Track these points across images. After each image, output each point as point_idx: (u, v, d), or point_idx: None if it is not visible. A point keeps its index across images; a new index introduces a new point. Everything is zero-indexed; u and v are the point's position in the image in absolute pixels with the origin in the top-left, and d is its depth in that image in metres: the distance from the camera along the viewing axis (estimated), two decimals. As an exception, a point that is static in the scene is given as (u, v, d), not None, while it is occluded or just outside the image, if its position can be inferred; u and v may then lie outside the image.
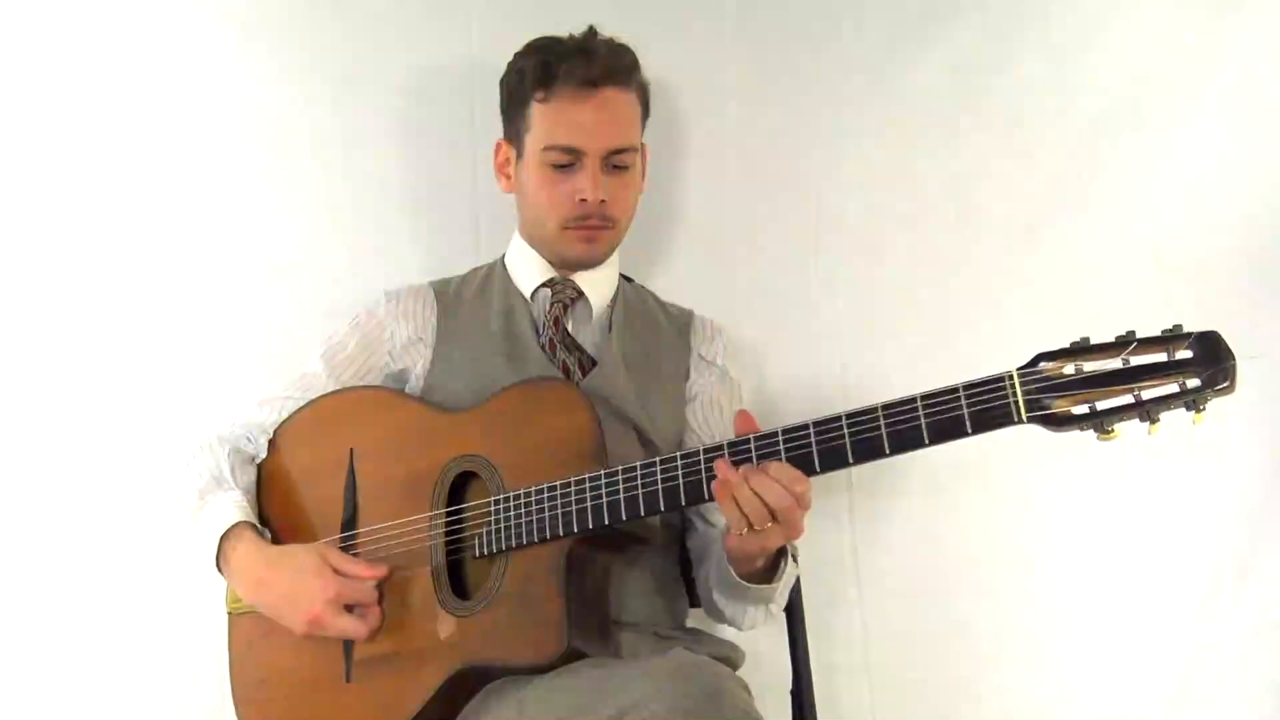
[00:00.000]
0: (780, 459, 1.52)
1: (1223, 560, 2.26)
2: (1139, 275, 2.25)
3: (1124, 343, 1.35)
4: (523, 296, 1.96)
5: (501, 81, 1.96)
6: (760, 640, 2.01)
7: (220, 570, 1.81)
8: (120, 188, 2.21)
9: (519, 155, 1.94)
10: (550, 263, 1.96)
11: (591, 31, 1.92)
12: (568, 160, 1.88)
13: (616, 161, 1.89)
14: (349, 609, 1.73)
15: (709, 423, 1.93)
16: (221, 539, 1.79)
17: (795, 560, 1.84)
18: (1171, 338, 1.34)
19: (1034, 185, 2.29)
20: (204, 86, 2.23)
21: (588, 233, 1.91)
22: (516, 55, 1.94)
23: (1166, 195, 2.28)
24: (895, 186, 2.30)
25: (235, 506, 1.81)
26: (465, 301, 1.98)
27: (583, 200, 1.88)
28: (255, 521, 1.83)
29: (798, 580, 2.06)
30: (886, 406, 1.47)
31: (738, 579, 1.72)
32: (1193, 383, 1.32)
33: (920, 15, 2.30)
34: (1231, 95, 2.29)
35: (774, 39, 2.30)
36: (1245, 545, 2.26)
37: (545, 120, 1.88)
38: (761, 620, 1.83)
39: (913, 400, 1.45)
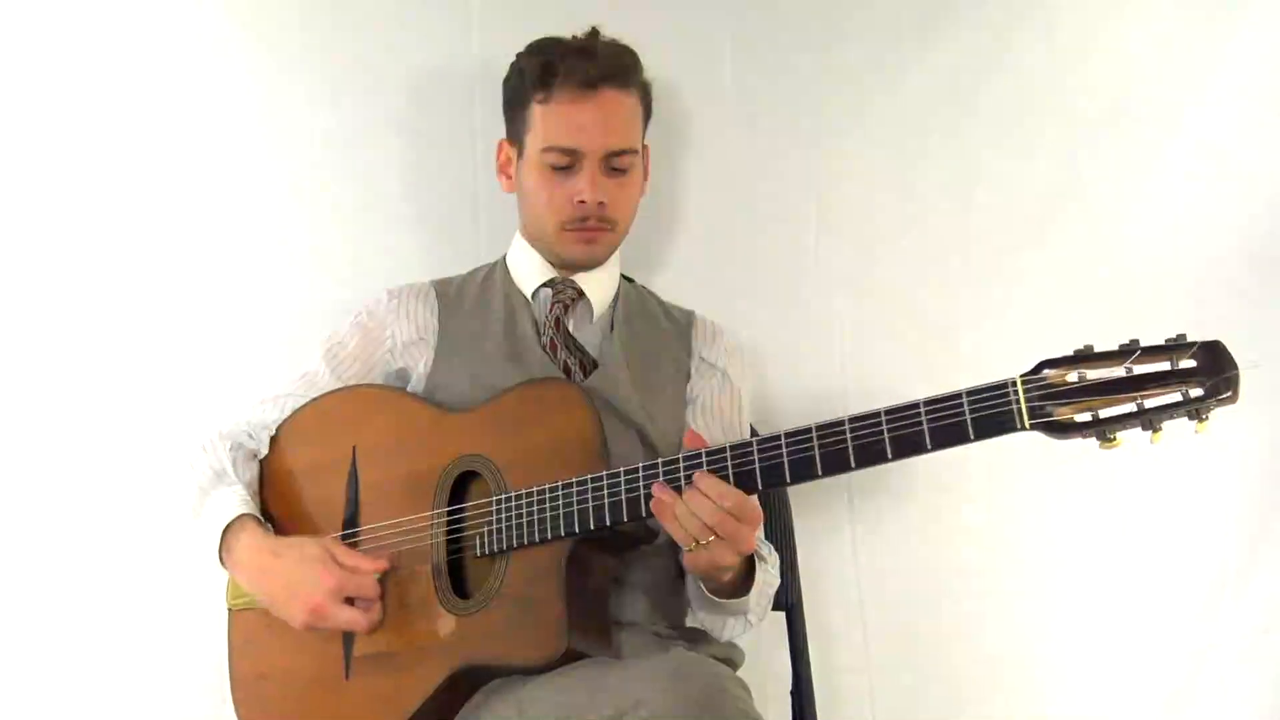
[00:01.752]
0: (782, 462, 1.52)
1: (1224, 562, 2.28)
2: (1138, 275, 2.26)
3: (1127, 351, 1.35)
4: (524, 296, 1.96)
5: (504, 81, 1.96)
6: (760, 640, 2.02)
7: (223, 563, 1.81)
8: (121, 187, 2.21)
9: (520, 155, 1.94)
10: (551, 263, 1.97)
11: (593, 32, 1.92)
12: (567, 162, 1.88)
13: (616, 164, 1.89)
14: (350, 602, 1.73)
15: (708, 427, 1.93)
16: (224, 531, 1.79)
17: (775, 568, 1.85)
18: (1175, 347, 1.34)
19: (1034, 185, 2.30)
20: (205, 86, 2.22)
21: (586, 234, 1.91)
22: (518, 55, 1.94)
23: (1167, 196, 2.29)
24: (895, 186, 2.31)
25: (238, 499, 1.82)
26: (467, 301, 1.98)
27: (581, 202, 1.88)
28: (258, 514, 1.83)
29: (798, 580, 2.07)
30: (889, 411, 1.46)
31: (709, 594, 1.74)
32: (1195, 392, 1.32)
33: (920, 15, 2.31)
34: (1231, 95, 2.30)
35: (774, 39, 2.30)
36: (1246, 548, 2.27)
37: (544, 122, 1.88)
38: (740, 631, 1.82)
39: (915, 405, 1.45)
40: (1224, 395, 1.32)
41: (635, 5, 2.19)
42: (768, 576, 1.80)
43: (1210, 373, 1.32)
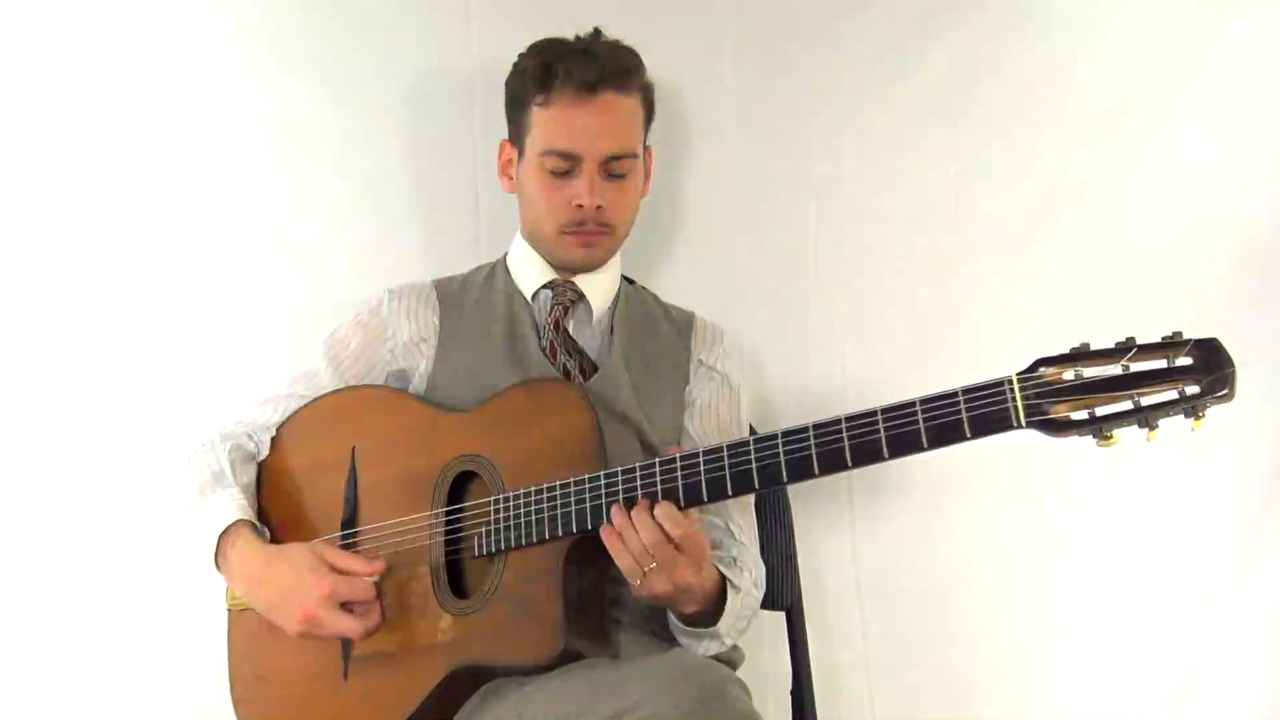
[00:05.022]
0: (779, 462, 1.52)
1: (1223, 562, 2.27)
2: (1138, 276, 2.25)
3: (1124, 349, 1.35)
4: (524, 298, 1.96)
5: (506, 82, 1.96)
6: (760, 640, 2.01)
7: (218, 568, 1.81)
8: (122, 188, 2.21)
9: (520, 157, 1.94)
10: (550, 264, 1.97)
11: (596, 33, 1.91)
12: (565, 166, 1.87)
13: (614, 168, 1.89)
14: (347, 608, 1.72)
15: (704, 431, 1.93)
16: (220, 537, 1.79)
17: (757, 586, 1.84)
18: (1171, 344, 1.34)
19: (1034, 185, 2.30)
20: (205, 87, 2.22)
21: (585, 238, 1.91)
22: (520, 56, 1.94)
23: (1166, 195, 2.28)
24: (895, 186, 2.31)
25: (234, 504, 1.81)
26: (468, 302, 1.98)
27: (579, 206, 1.88)
28: (254, 520, 1.83)
29: (798, 580, 2.06)
30: (886, 410, 1.46)
31: (677, 622, 1.74)
32: (1192, 390, 1.32)
33: (920, 15, 2.30)
34: (1231, 95, 2.29)
35: (774, 39, 2.30)
36: (1245, 547, 2.27)
37: (543, 124, 1.88)
38: (716, 649, 1.78)
39: (912, 404, 1.45)
40: (1220, 393, 1.32)
41: (635, 5, 2.19)
42: (746, 599, 1.79)
43: (1207, 370, 1.32)
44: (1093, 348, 1.38)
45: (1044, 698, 2.26)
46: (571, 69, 1.84)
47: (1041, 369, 1.39)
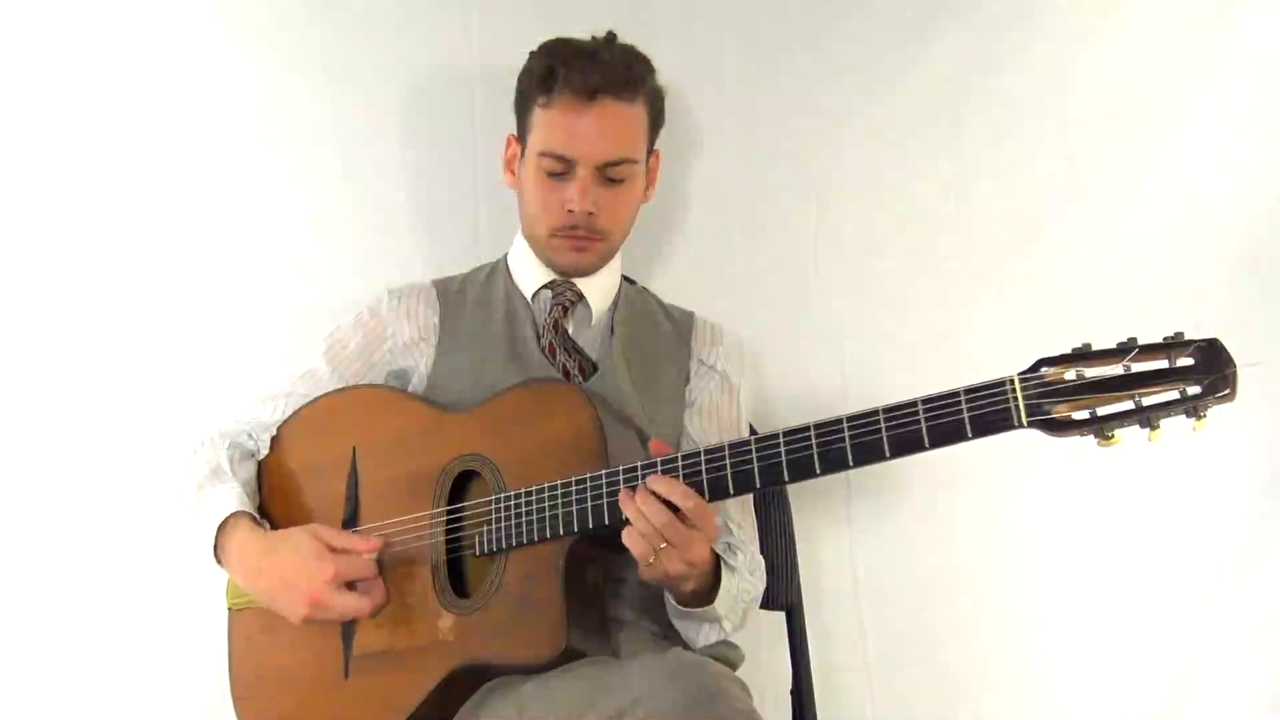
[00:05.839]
0: (780, 461, 1.52)
1: (1222, 561, 2.28)
2: (1137, 276, 2.26)
3: (1125, 349, 1.35)
4: (524, 298, 1.96)
5: (517, 78, 1.94)
6: (760, 640, 2.01)
7: (218, 561, 1.81)
8: (123, 187, 2.21)
9: (523, 154, 1.94)
10: (547, 266, 1.97)
11: (609, 37, 1.90)
12: (561, 169, 1.87)
13: (611, 174, 1.88)
14: (351, 587, 1.73)
15: (705, 430, 1.93)
16: (218, 530, 1.79)
17: (754, 574, 1.84)
18: (1173, 344, 1.34)
19: (1033, 186, 2.31)
20: (204, 85, 2.22)
21: (576, 242, 1.91)
22: (531, 54, 1.93)
23: (1166, 195, 2.29)
24: (895, 186, 2.31)
25: (233, 497, 1.81)
26: (468, 301, 1.98)
27: (570, 211, 1.88)
28: (253, 512, 1.82)
29: (798, 580, 2.06)
30: (887, 410, 1.46)
31: (674, 604, 1.74)
32: (1193, 390, 1.32)
33: (920, 15, 2.31)
34: (1231, 96, 2.30)
35: (775, 39, 2.30)
36: (1244, 546, 2.28)
37: (543, 126, 1.88)
38: (716, 636, 1.80)
39: (913, 404, 1.45)
40: (1222, 393, 1.32)
41: (637, 6, 2.20)
42: (742, 583, 1.79)
43: (1208, 370, 1.32)
44: (1094, 348, 1.38)
45: (1041, 697, 2.26)
46: (572, 73, 1.84)
47: (1043, 369, 1.39)
